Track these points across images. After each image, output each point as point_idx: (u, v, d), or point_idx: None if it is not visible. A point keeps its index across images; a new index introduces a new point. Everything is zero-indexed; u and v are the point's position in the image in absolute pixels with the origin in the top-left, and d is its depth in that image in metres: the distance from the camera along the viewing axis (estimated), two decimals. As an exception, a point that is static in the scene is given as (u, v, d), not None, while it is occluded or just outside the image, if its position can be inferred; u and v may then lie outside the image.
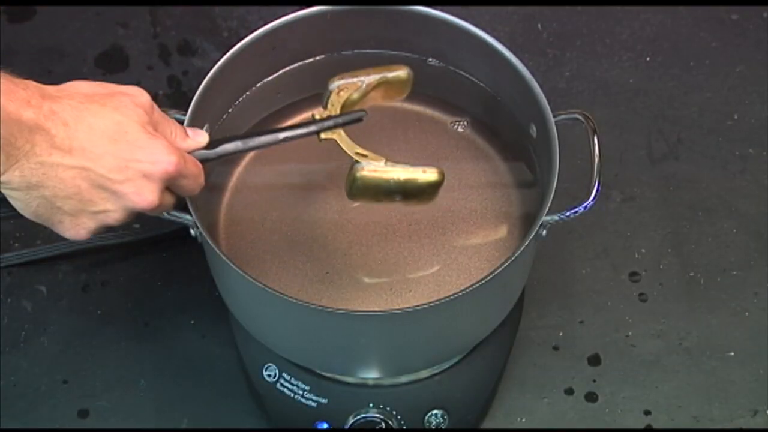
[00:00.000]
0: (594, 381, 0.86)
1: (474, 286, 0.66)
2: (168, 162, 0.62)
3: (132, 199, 0.61)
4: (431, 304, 0.66)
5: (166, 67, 1.02)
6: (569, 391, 0.86)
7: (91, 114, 0.60)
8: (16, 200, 0.60)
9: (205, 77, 0.74)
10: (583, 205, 0.71)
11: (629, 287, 0.91)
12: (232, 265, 0.68)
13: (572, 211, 0.71)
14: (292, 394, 0.78)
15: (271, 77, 0.82)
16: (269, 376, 0.79)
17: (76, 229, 0.61)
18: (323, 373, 0.78)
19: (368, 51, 0.82)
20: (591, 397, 0.85)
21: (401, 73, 0.73)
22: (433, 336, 0.72)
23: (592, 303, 0.90)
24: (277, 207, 0.77)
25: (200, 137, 0.68)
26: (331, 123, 0.69)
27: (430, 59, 0.83)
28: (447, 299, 0.66)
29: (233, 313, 0.78)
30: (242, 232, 0.77)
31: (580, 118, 0.74)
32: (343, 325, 0.69)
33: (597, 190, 0.71)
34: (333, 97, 0.70)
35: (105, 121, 0.61)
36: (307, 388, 0.78)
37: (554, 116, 0.73)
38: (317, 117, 0.70)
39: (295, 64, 0.82)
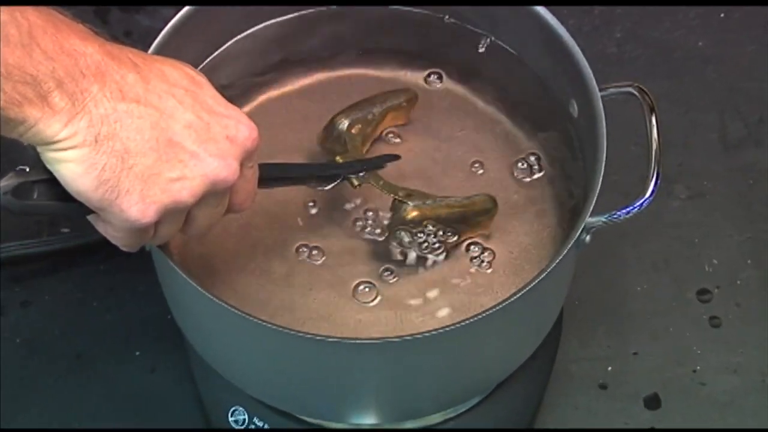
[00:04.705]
0: (652, 428, 0.87)
1: (498, 307, 0.67)
2: (251, 128, 0.65)
3: (213, 164, 0.63)
4: (445, 330, 0.66)
5: (103, 27, 1.03)
6: (620, 441, 0.86)
7: (160, 62, 0.63)
8: (78, 163, 0.59)
9: (154, 40, 0.75)
10: (638, 204, 0.71)
11: (697, 308, 0.92)
12: (189, 280, 0.68)
13: (624, 211, 0.71)
14: (265, 446, 0.79)
15: (241, 36, 0.83)
16: (236, 422, 0.79)
17: (145, 203, 0.61)
18: (306, 419, 0.79)
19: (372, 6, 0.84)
20: (648, 448, 0.86)
21: (405, 98, 0.83)
22: (447, 370, 0.73)
23: (649, 329, 0.90)
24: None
25: None
26: (364, 168, 0.77)
27: (447, 17, 0.84)
28: (464, 323, 0.66)
29: (191, 342, 0.79)
30: (202, 238, 0.77)
31: (634, 92, 0.75)
32: (333, 356, 0.69)
33: (655, 184, 0.71)
34: (348, 137, 0.78)
35: (177, 72, 0.64)
36: (285, 437, 0.79)
37: (600, 90, 0.74)
38: (341, 161, 0.77)
39: (274, 20, 0.84)
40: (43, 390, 0.87)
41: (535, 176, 0.81)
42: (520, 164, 0.81)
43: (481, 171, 0.81)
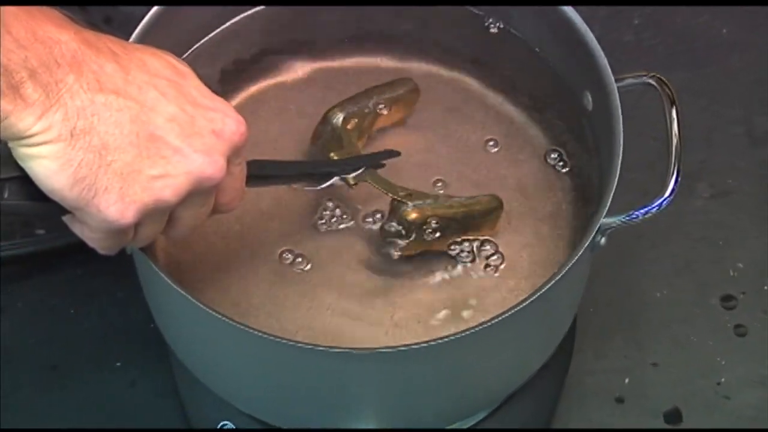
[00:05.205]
0: (672, 445, 0.87)
1: (507, 314, 0.67)
2: (239, 122, 0.65)
3: (198, 161, 0.63)
4: (449, 339, 0.66)
5: (80, 13, 1.03)
6: (638, 459, 0.87)
7: (141, 51, 0.63)
8: (53, 160, 0.59)
9: (136, 27, 0.75)
10: (657, 203, 0.71)
11: (721, 316, 0.92)
12: (173, 285, 0.68)
13: (642, 210, 0.71)
14: (256, 463, 0.79)
15: (229, 23, 0.84)
16: (225, 438, 0.80)
17: (124, 203, 0.61)
18: (299, 435, 0.79)
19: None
20: (668, 467, 0.86)
21: (404, 89, 0.83)
22: (451, 383, 0.73)
23: (669, 338, 0.91)
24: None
25: None
26: (361, 165, 0.78)
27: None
28: (470, 331, 0.67)
29: (175, 352, 0.79)
30: (188, 240, 0.77)
31: (653, 83, 0.75)
32: (328, 367, 0.70)
33: (676, 182, 0.71)
34: (344, 133, 0.79)
35: (159, 61, 0.63)
36: (276, 454, 0.79)
37: (617, 81, 0.74)
38: (336, 158, 0.78)
39: (265, 6, 0.84)
40: (16, 403, 0.87)
41: (547, 174, 0.81)
42: (529, 161, 0.81)
43: (488, 168, 0.81)
